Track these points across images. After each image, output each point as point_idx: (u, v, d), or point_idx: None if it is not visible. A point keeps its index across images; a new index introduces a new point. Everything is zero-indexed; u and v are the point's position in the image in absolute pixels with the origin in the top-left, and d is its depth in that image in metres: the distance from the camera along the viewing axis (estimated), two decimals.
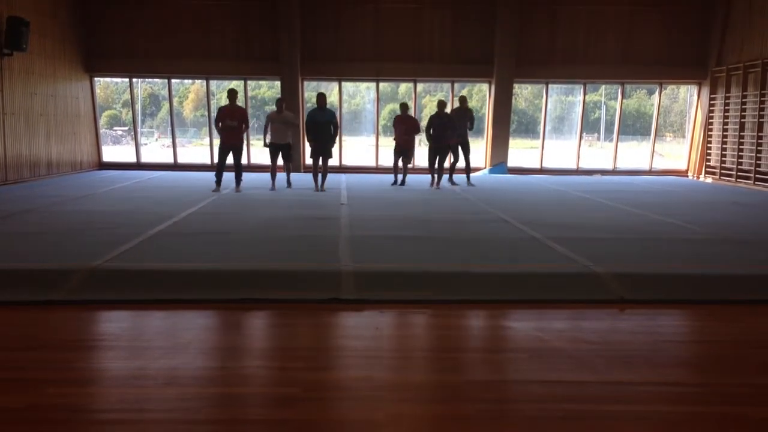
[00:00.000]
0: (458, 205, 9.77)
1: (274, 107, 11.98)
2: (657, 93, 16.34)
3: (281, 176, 12.21)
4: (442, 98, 13.64)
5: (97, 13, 15.38)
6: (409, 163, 12.75)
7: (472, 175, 13.04)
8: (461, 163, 12.73)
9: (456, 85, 16.58)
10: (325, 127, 11.50)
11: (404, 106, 12.38)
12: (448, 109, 12.83)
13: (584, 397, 3.26)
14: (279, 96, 12.38)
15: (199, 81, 17.37)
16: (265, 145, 11.86)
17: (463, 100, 12.77)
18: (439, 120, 11.99)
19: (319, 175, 11.77)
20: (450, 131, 11.99)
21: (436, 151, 12.13)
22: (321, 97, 11.63)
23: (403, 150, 12.37)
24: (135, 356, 3.78)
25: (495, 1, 15.37)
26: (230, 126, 10.98)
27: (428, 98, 19.45)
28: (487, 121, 16.12)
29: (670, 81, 16.39)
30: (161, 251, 6.04)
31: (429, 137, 12.13)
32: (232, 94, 11.21)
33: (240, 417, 3.00)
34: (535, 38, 15.61)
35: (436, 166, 12.23)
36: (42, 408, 3.06)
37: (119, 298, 4.85)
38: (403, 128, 12.21)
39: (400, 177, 12.60)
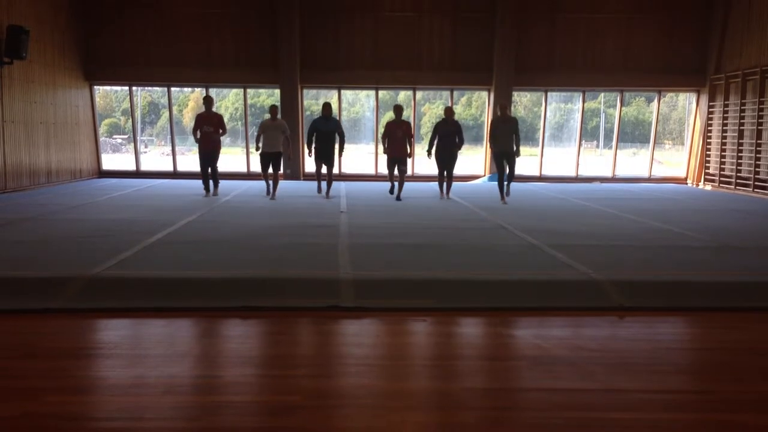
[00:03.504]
0: (458, 212, 9.77)
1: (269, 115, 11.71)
2: (656, 100, 16.38)
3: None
4: (449, 105, 13.39)
5: (96, 22, 15.43)
6: (406, 172, 11.63)
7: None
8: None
9: (455, 93, 16.66)
10: (328, 136, 11.44)
11: (399, 109, 11.47)
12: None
13: (584, 405, 3.25)
14: (273, 104, 12.05)
15: (199, 89, 17.41)
16: (258, 148, 11.70)
17: (504, 107, 11.48)
18: (446, 128, 11.30)
19: (323, 183, 11.86)
20: (459, 139, 11.32)
21: (443, 160, 11.43)
22: (326, 107, 11.45)
23: (401, 159, 11.44)
24: (133, 364, 3.77)
25: (494, 8, 15.43)
26: (207, 131, 11.33)
27: (427, 106, 19.50)
28: (487, 129, 16.13)
29: (669, 89, 16.42)
30: (160, 259, 6.03)
31: (431, 145, 11.41)
32: (207, 101, 11.65)
33: (240, 425, 2.99)
34: (534, 46, 15.66)
35: (445, 175, 11.60)
36: (40, 416, 3.05)
37: (118, 306, 4.84)
38: (399, 134, 11.31)
39: (396, 187, 11.66)
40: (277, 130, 11.50)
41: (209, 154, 11.49)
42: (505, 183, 11.45)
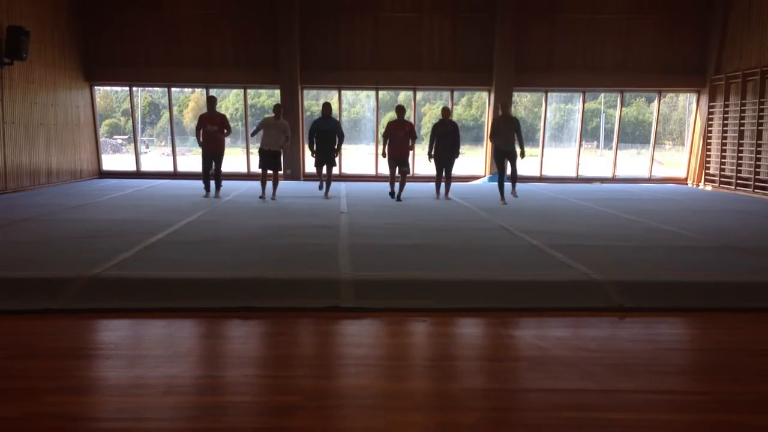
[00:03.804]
0: (458, 213, 9.77)
1: (272, 113, 11.47)
2: (656, 101, 16.38)
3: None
4: (446, 105, 13.44)
5: (97, 22, 15.45)
6: (408, 173, 11.52)
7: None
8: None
9: (456, 93, 16.67)
10: (329, 137, 11.46)
11: (401, 110, 11.31)
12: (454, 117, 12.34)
13: (584, 405, 3.25)
14: (278, 103, 11.73)
15: (199, 89, 17.41)
16: (253, 134, 11.57)
17: (505, 106, 11.32)
18: (444, 128, 11.45)
19: (323, 183, 11.91)
20: (457, 139, 11.49)
21: (442, 160, 11.59)
22: (326, 107, 11.46)
23: (402, 159, 11.27)
24: (134, 365, 3.78)
25: (494, 9, 15.44)
26: (210, 131, 11.31)
27: (428, 106, 19.50)
28: (487, 129, 16.14)
29: (669, 89, 16.43)
30: (160, 260, 6.04)
31: (431, 147, 11.52)
32: (211, 101, 11.66)
33: (240, 426, 2.99)
34: (534, 46, 15.66)
35: (443, 175, 11.71)
36: (40, 417, 3.05)
37: (118, 306, 4.84)
38: (401, 134, 11.13)
39: (397, 187, 11.45)
40: (278, 130, 11.20)
41: (212, 154, 11.47)
42: (506, 183, 11.39)
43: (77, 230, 7.67)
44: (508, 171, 11.42)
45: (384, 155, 11.36)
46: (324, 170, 11.68)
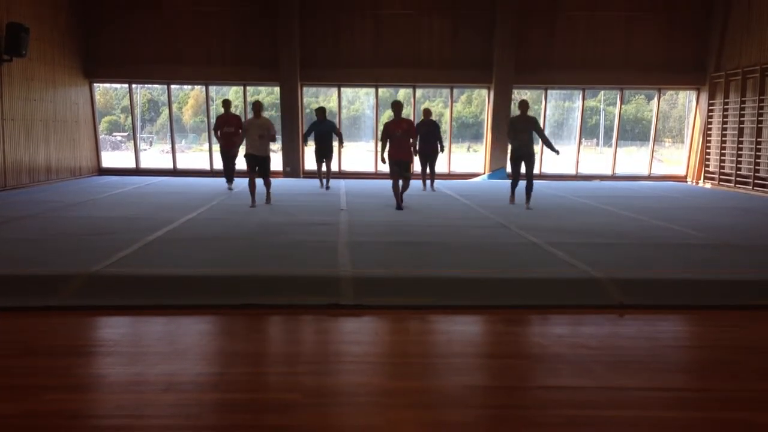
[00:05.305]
0: (457, 210, 9.76)
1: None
2: (656, 98, 16.37)
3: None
4: (428, 107, 13.75)
5: (96, 19, 15.43)
6: (410, 179, 9.90)
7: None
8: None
9: (455, 91, 16.66)
10: (325, 137, 12.60)
11: (398, 106, 9.73)
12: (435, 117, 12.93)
13: (584, 403, 3.25)
14: (257, 100, 10.47)
15: (199, 87, 17.40)
16: (243, 137, 10.12)
17: (524, 105, 10.34)
18: (426, 128, 12.31)
19: (323, 178, 12.98)
20: (437, 137, 12.43)
21: (425, 156, 12.57)
22: (320, 111, 12.65)
23: (405, 162, 9.72)
24: (133, 362, 3.78)
25: (494, 7, 15.42)
26: (228, 132, 11.95)
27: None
28: (486, 127, 16.15)
29: (669, 87, 16.42)
30: (160, 257, 6.03)
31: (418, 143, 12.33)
32: (226, 104, 12.27)
33: (239, 423, 2.99)
34: (534, 44, 15.65)
35: (427, 170, 12.75)
36: (40, 415, 3.05)
37: (118, 303, 4.84)
38: (399, 133, 9.59)
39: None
40: (262, 129, 9.85)
41: (231, 153, 12.20)
42: (519, 188, 10.40)
43: (77, 227, 7.67)
44: (523, 169, 10.21)
45: (384, 161, 9.94)
46: (323, 167, 12.83)
